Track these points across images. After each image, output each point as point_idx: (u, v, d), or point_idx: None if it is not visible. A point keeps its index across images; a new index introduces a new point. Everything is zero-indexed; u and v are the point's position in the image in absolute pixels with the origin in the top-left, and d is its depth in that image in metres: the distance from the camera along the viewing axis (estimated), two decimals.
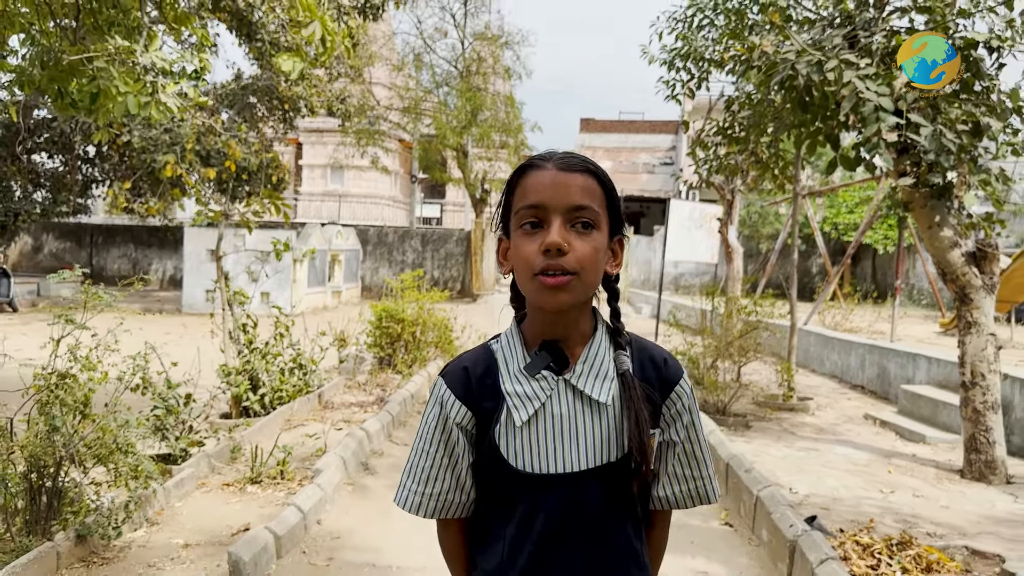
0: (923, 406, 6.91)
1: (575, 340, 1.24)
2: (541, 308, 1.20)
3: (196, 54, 5.52)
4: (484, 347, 1.30)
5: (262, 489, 4.91)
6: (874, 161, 5.40)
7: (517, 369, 1.23)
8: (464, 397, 1.23)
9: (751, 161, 8.20)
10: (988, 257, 5.28)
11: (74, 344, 4.14)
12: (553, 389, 1.21)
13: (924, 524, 4.39)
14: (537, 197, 1.17)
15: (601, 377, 1.22)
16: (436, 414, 1.25)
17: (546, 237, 1.15)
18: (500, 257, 1.29)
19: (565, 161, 1.20)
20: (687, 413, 1.28)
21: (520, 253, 1.18)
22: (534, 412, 1.20)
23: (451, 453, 1.23)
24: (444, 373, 1.28)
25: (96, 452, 4.11)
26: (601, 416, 1.20)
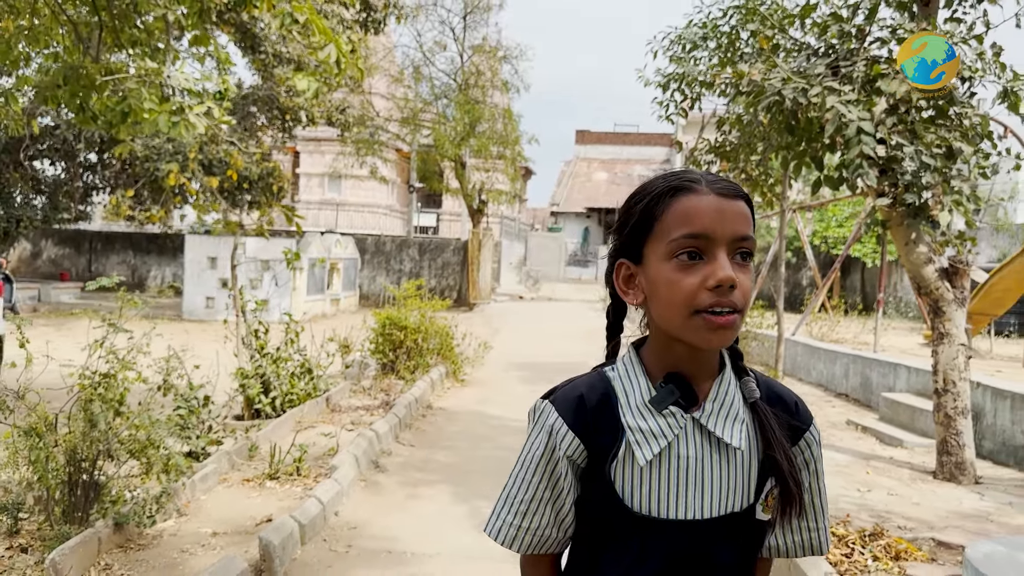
0: (902, 413, 7.28)
1: (703, 375, 1.14)
2: (697, 347, 1.09)
3: (220, 75, 5.86)
4: (598, 374, 1.20)
5: (280, 484, 5.23)
6: (856, 181, 5.78)
7: (640, 401, 1.12)
8: (578, 427, 1.12)
9: (741, 178, 8.58)
10: (960, 272, 5.66)
11: (111, 347, 4.46)
12: (681, 428, 1.11)
13: (896, 519, 4.74)
14: (700, 226, 1.06)
15: (732, 418, 1.12)
16: (543, 443, 1.13)
17: (713, 271, 1.04)
18: (622, 284, 1.18)
19: (723, 186, 1.10)
20: (814, 462, 1.21)
21: (678, 288, 1.06)
22: (659, 451, 1.10)
23: (554, 486, 1.13)
24: (554, 399, 1.16)
25: (129, 447, 4.44)
26: (731, 461, 1.12)
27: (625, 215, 1.17)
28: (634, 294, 1.17)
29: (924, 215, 5.68)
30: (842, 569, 3.88)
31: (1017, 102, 5.94)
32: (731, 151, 8.13)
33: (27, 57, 7.19)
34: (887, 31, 6.03)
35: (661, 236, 1.09)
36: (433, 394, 8.76)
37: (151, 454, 4.45)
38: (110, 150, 20.04)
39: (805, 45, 6.39)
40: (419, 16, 21.74)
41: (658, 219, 1.10)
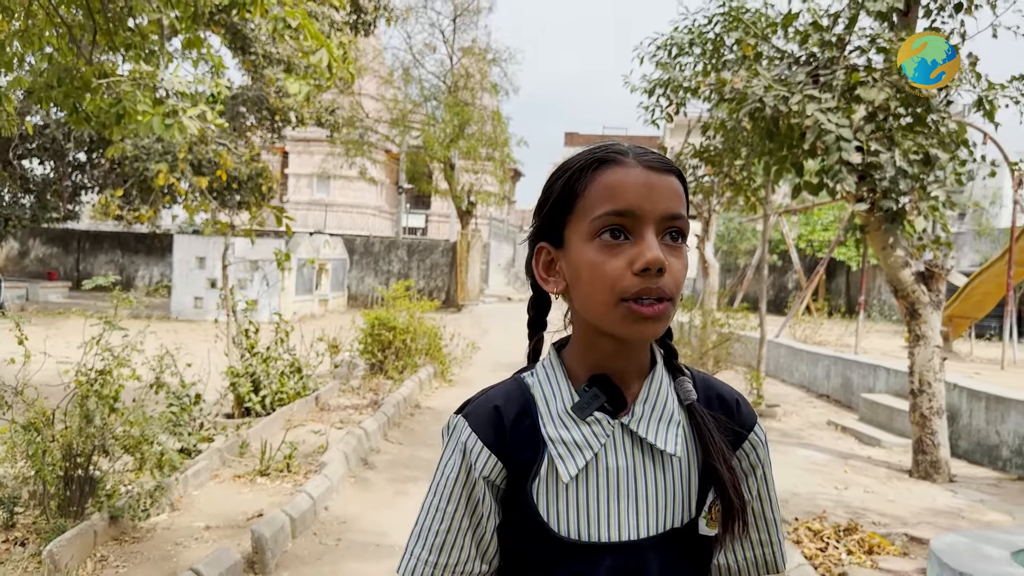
0: (881, 413, 7.45)
1: (632, 375, 1.01)
2: (622, 339, 0.97)
3: (213, 78, 5.96)
4: (515, 381, 1.06)
5: (270, 481, 5.33)
6: (835, 187, 5.94)
7: (562, 410, 0.99)
8: (495, 444, 0.98)
9: (726, 183, 8.74)
10: (935, 276, 5.82)
11: (106, 344, 4.55)
12: (608, 436, 0.98)
13: (871, 515, 4.89)
14: (626, 202, 0.94)
15: (665, 421, 1.00)
16: (456, 464, 0.99)
17: (640, 253, 0.92)
18: (540, 271, 1.04)
19: (652, 159, 0.98)
20: (760, 466, 1.06)
21: (600, 272, 0.94)
22: (585, 464, 0.97)
23: (473, 513, 0.98)
24: (467, 413, 1.02)
25: (123, 443, 4.53)
26: (666, 471, 0.99)
27: (546, 193, 1.03)
28: (555, 281, 1.02)
29: (901, 220, 5.84)
30: (817, 562, 4.02)
31: (992, 110, 6.12)
32: (715, 155, 8.30)
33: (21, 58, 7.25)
34: (866, 40, 6.19)
35: (583, 214, 0.96)
36: (421, 393, 8.87)
37: (145, 450, 4.55)
38: (99, 149, 20.06)
39: (787, 53, 6.55)
40: (409, 18, 21.85)
41: (580, 195, 0.97)
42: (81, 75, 6.46)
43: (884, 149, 5.57)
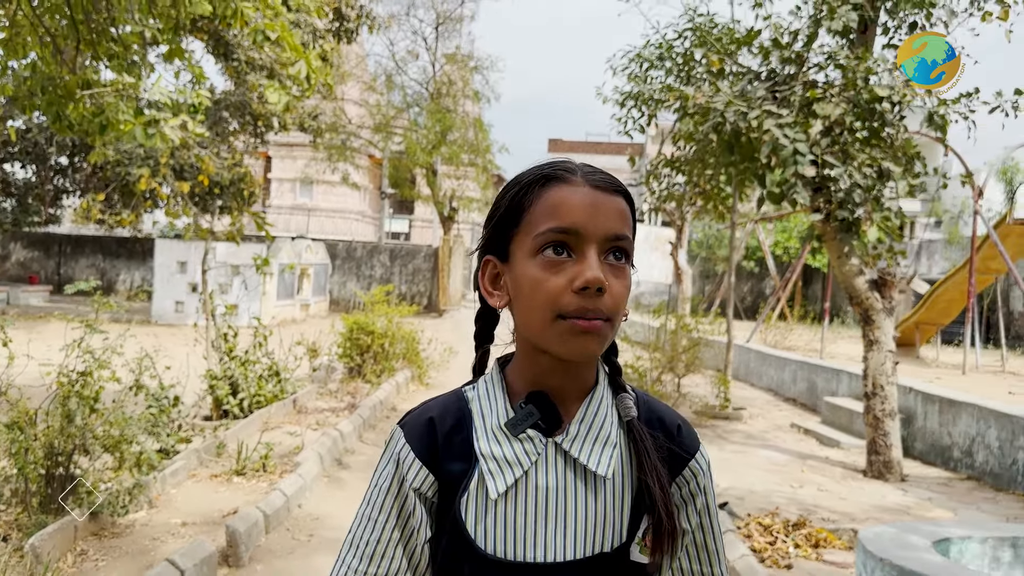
0: (841, 416, 7.71)
1: (572, 393, 1.01)
2: (559, 357, 0.97)
3: (194, 88, 6.13)
4: (456, 394, 1.06)
5: (247, 480, 5.50)
6: (794, 198, 6.20)
7: (496, 425, 1.00)
8: (426, 456, 0.99)
9: (695, 191, 9.00)
10: (888, 284, 6.08)
11: (87, 347, 4.72)
12: (539, 454, 0.98)
13: (823, 512, 5.13)
14: (570, 220, 0.95)
15: (601, 442, 0.99)
16: (390, 474, 1.00)
17: (581, 271, 0.93)
18: (486, 284, 1.05)
19: (599, 179, 0.99)
20: (702, 495, 1.04)
21: (541, 288, 0.95)
22: (514, 482, 0.97)
23: (405, 525, 0.99)
24: (404, 423, 1.04)
25: (103, 442, 4.70)
26: (598, 493, 0.98)
27: (495, 206, 1.04)
28: (499, 296, 1.03)
29: (856, 231, 6.10)
30: (765, 555, 4.25)
31: (945, 125, 6.40)
32: (685, 165, 8.54)
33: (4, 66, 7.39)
34: (824, 57, 6.45)
35: (528, 230, 0.98)
36: (398, 397, 9.05)
37: (124, 449, 4.71)
38: (81, 154, 20.12)
39: (749, 69, 6.80)
40: (391, 26, 22.04)
41: (526, 211, 0.98)
42: (64, 83, 6.61)
43: (839, 163, 5.83)
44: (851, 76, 6.23)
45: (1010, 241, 10.73)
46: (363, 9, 18.38)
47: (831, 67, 6.61)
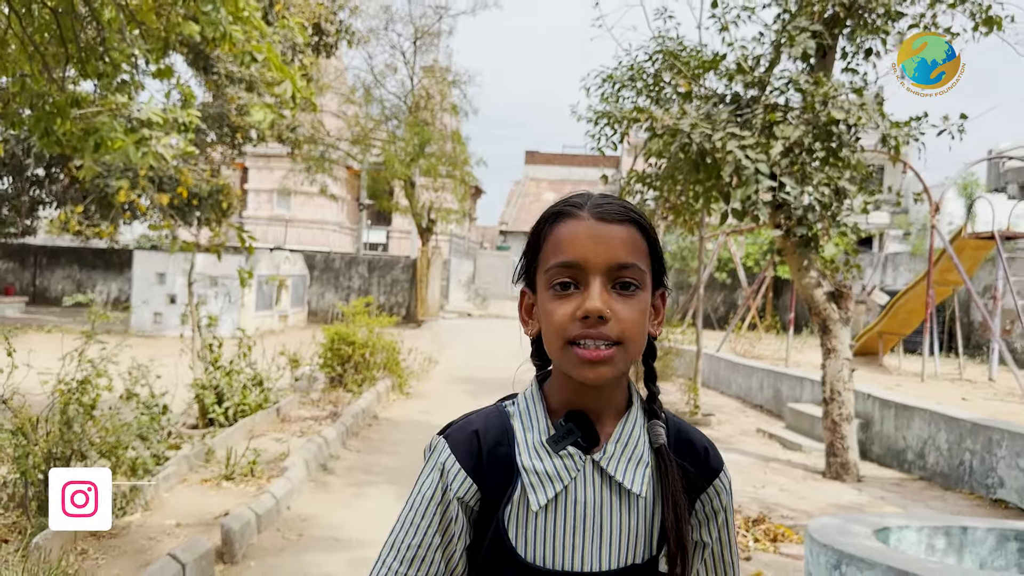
0: (804, 421, 8.08)
1: (607, 413, 1.08)
2: (577, 380, 1.04)
3: (184, 108, 6.37)
4: (497, 409, 1.13)
5: (236, 484, 5.73)
6: (756, 215, 6.56)
7: (537, 441, 1.06)
8: (471, 468, 1.05)
9: (666, 207, 9.36)
10: (844, 295, 6.45)
11: (86, 357, 4.94)
12: (579, 471, 1.05)
13: (782, 510, 5.46)
14: (573, 254, 1.02)
15: (635, 462, 1.06)
16: (434, 483, 1.06)
17: (583, 301, 1.00)
18: (523, 314, 1.14)
19: (604, 209, 1.05)
20: (723, 512, 1.13)
21: (551, 318, 1.03)
22: (554, 495, 1.03)
23: (445, 531, 1.05)
24: (448, 435, 1.10)
25: (99, 448, 4.92)
26: (631, 509, 1.05)
27: (528, 241, 1.13)
28: (531, 324, 1.12)
29: (814, 246, 6.48)
30: None
31: (898, 147, 6.80)
32: (656, 181, 8.90)
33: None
34: (784, 81, 6.84)
35: (543, 265, 1.06)
36: (379, 405, 9.29)
37: (120, 454, 4.94)
38: (58, 165, 20.16)
39: (714, 92, 7.17)
40: (370, 40, 22.31)
41: (541, 247, 1.07)
42: (53, 101, 6.83)
43: (796, 183, 6.20)
44: (810, 99, 6.62)
45: (966, 254, 11.21)
46: (342, 24, 18.67)
47: (792, 91, 7.00)
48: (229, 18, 6.06)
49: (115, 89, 6.98)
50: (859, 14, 7.03)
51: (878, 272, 19.54)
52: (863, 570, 3.09)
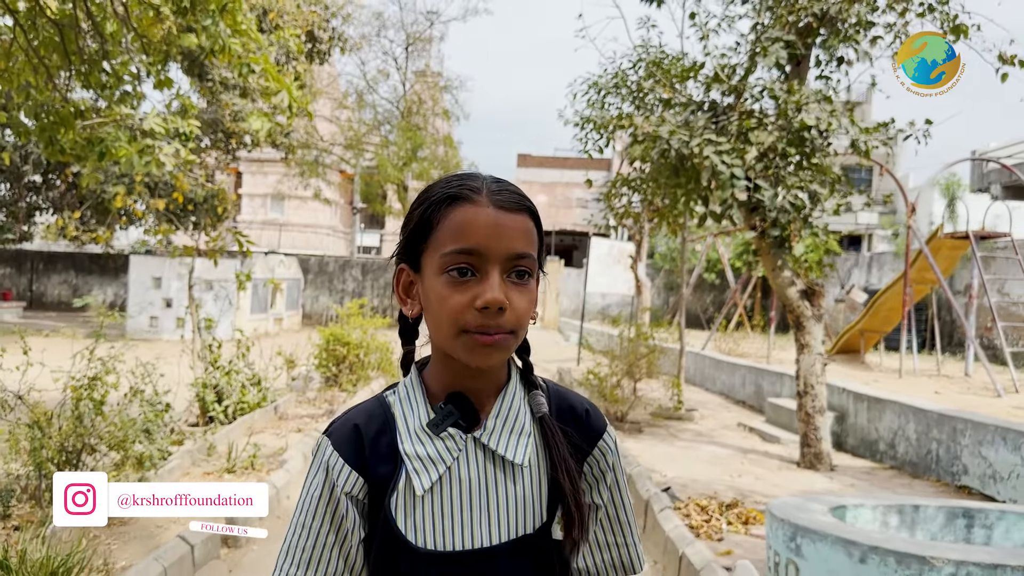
0: (783, 415, 8.39)
1: (487, 391, 1.09)
2: (465, 364, 1.04)
3: (185, 119, 6.65)
4: (378, 399, 1.13)
5: (237, 477, 6.01)
6: (732, 217, 6.88)
7: (418, 426, 1.07)
8: (354, 461, 1.06)
9: (651, 210, 9.67)
10: (816, 293, 6.76)
11: (96, 356, 5.22)
12: (461, 450, 1.06)
13: (756, 496, 5.76)
14: (473, 241, 1.01)
15: (516, 433, 1.08)
16: (320, 482, 1.06)
17: (483, 291, 1.00)
18: (400, 291, 1.12)
19: (504, 198, 1.04)
20: (611, 472, 1.14)
21: (446, 305, 1.02)
22: (438, 478, 1.05)
23: (339, 528, 1.05)
24: (330, 432, 1.10)
25: (108, 442, 5.20)
26: (516, 480, 1.07)
27: (408, 218, 1.10)
28: (412, 304, 1.11)
29: (787, 246, 6.79)
30: (700, 531, 4.86)
31: (868, 151, 7.12)
32: (641, 184, 9.22)
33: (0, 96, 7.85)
34: (758, 90, 7.15)
35: (435, 247, 1.04)
36: None
37: (128, 448, 5.22)
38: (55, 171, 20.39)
39: (692, 100, 7.49)
40: (363, 47, 22.59)
41: (433, 229, 1.04)
42: (58, 112, 7.10)
43: (770, 186, 6.51)
44: (783, 106, 6.93)
45: (942, 254, 11.56)
46: (335, 31, 18.97)
47: (766, 98, 7.31)
48: (227, 31, 6.34)
49: (118, 100, 7.25)
50: (832, 24, 7.35)
51: (864, 271, 19.90)
52: (815, 541, 3.39)
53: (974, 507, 4.09)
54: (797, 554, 3.47)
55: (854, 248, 29.90)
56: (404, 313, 1.13)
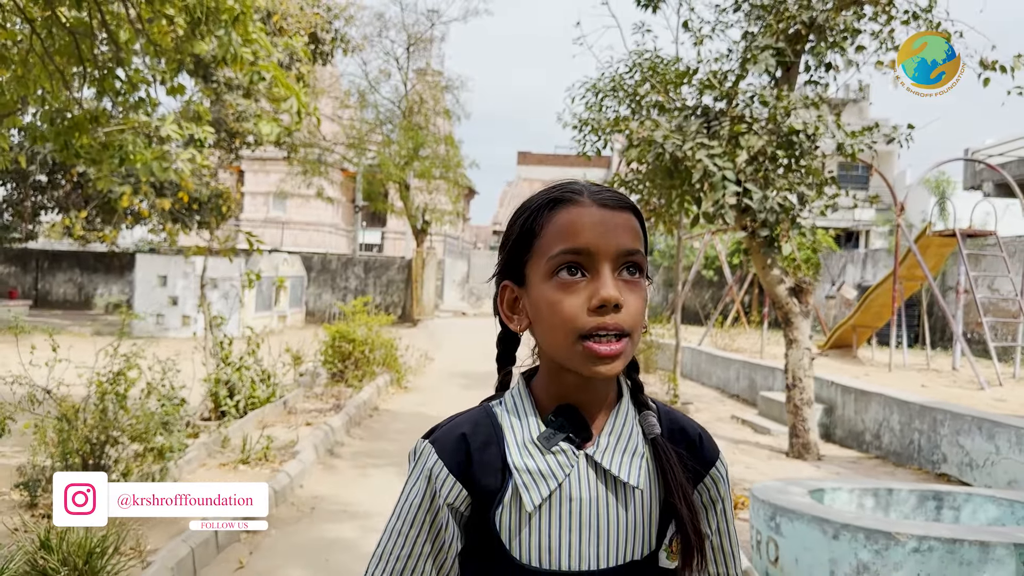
0: (775, 408, 8.69)
1: (597, 406, 1.05)
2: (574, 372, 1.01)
3: (200, 126, 6.95)
4: (483, 409, 1.10)
5: (251, 467, 6.32)
6: (724, 217, 7.17)
7: (528, 439, 1.03)
8: (460, 472, 1.02)
9: (648, 209, 9.96)
10: (804, 290, 7.06)
11: (119, 352, 5.52)
12: (573, 466, 1.02)
13: (745, 484, 6.06)
14: (583, 240, 0.99)
15: (630, 453, 1.03)
16: (421, 490, 1.03)
17: (597, 289, 0.97)
18: (505, 309, 1.09)
19: (607, 196, 1.03)
20: (721, 501, 1.12)
21: (559, 309, 0.99)
22: (549, 494, 1.01)
23: (436, 538, 1.02)
24: (434, 439, 1.06)
25: (130, 434, 5.50)
26: (629, 503, 1.02)
27: (507, 232, 1.08)
28: (519, 319, 1.07)
29: (776, 246, 7.08)
30: None
31: (854, 154, 7.41)
32: (637, 185, 9.51)
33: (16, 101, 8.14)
34: (748, 96, 7.44)
35: (541, 253, 1.01)
36: (379, 398, 9.88)
37: (149, 439, 5.52)
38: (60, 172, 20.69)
39: (685, 105, 7.78)
40: (364, 48, 22.86)
41: (538, 235, 1.02)
42: (73, 117, 7.39)
43: (759, 189, 6.80)
44: (773, 112, 7.22)
45: (931, 251, 11.85)
46: (337, 33, 19.24)
47: (756, 103, 7.60)
48: (239, 40, 6.63)
49: (132, 106, 7.54)
50: (820, 31, 7.64)
51: (858, 268, 20.19)
52: (793, 520, 3.69)
53: (943, 490, 4.40)
54: (776, 532, 3.78)
55: (852, 245, 30.19)
56: (511, 329, 1.10)
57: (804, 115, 7.23)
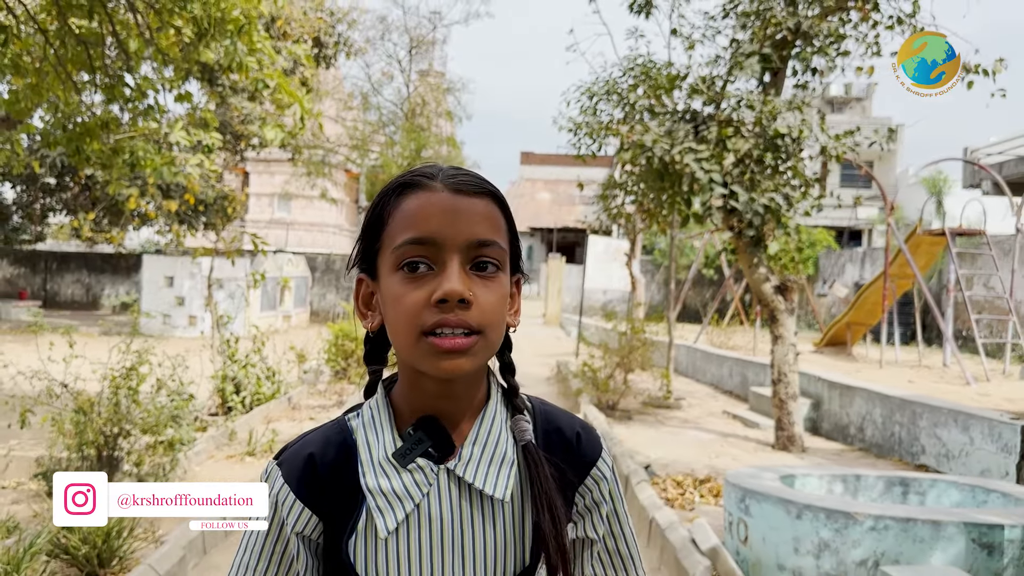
0: (764, 403, 8.93)
1: (463, 413, 0.96)
2: (429, 376, 0.91)
3: (208, 132, 7.24)
4: (338, 423, 1.00)
5: (257, 459, 6.60)
6: (711, 218, 7.43)
7: (383, 456, 0.93)
8: (307, 496, 0.93)
9: (642, 210, 10.23)
10: (789, 288, 7.31)
11: (131, 349, 5.81)
12: (431, 484, 0.92)
13: None
14: (426, 228, 0.89)
15: (496, 463, 0.94)
16: (268, 519, 0.94)
17: (440, 283, 0.87)
18: (360, 305, 1.00)
19: (460, 180, 0.92)
20: (607, 502, 1.01)
21: (401, 305, 0.89)
22: (404, 517, 0.91)
23: (287, 572, 0.94)
24: (281, 460, 0.97)
25: (142, 427, 5.78)
26: (496, 517, 0.94)
27: (365, 220, 0.98)
28: (372, 316, 0.98)
29: (762, 245, 7.34)
30: (675, 503, 5.43)
31: (839, 156, 7.66)
32: (631, 186, 9.77)
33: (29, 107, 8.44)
34: (735, 101, 7.69)
35: (388, 243, 0.93)
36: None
37: (160, 431, 5.81)
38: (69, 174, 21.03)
39: (675, 109, 8.04)
40: (367, 51, 23.16)
41: (385, 224, 0.93)
42: (84, 123, 7.69)
43: (745, 190, 7.06)
44: (759, 116, 7.47)
45: (922, 250, 12.08)
46: (340, 36, 19.53)
47: (743, 108, 7.85)
48: (244, 50, 6.92)
49: (142, 112, 7.83)
50: (806, 37, 7.89)
51: (857, 266, 20.40)
52: (760, 502, 3.96)
53: (909, 476, 4.66)
54: (746, 513, 4.04)
55: (855, 243, 30.38)
56: (365, 328, 1.01)
57: (789, 119, 7.49)
